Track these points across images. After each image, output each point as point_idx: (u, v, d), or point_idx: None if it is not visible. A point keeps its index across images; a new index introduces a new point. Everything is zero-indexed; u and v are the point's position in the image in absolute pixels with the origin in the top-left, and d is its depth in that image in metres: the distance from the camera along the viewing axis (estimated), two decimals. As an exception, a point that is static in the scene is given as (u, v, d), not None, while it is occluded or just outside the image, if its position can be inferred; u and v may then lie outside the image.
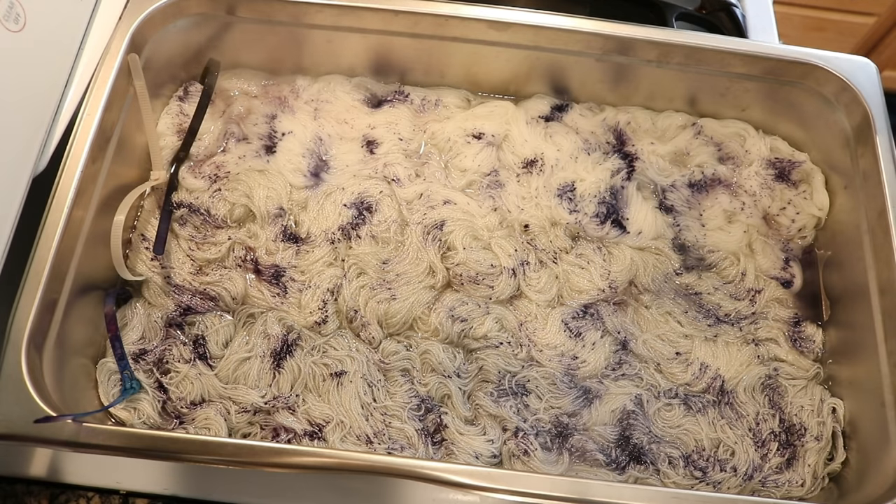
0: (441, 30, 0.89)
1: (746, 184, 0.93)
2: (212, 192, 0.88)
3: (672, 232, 0.90)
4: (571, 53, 0.91)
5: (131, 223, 0.87)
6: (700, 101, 0.96)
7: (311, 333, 0.82)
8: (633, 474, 0.78)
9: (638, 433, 0.79)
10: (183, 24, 0.88)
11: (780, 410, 0.81)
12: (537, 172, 0.92)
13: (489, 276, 0.85)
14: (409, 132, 0.94)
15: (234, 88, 0.96)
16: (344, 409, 0.78)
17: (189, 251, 0.85)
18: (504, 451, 0.78)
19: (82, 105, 0.79)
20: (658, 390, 0.81)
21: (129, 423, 0.76)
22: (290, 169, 0.90)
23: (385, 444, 0.77)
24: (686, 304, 0.86)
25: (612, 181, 0.91)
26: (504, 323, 0.83)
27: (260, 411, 0.78)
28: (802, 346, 0.85)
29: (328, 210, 0.88)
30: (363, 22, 0.89)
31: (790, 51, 0.89)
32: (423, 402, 0.79)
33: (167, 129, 0.91)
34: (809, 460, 0.79)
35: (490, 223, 0.88)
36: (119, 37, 0.82)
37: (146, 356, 0.80)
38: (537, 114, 0.96)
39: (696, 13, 1.04)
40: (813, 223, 0.91)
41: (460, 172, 0.92)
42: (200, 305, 0.83)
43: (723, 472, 0.78)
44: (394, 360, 0.81)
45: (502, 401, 0.80)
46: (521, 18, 0.88)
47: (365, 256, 0.85)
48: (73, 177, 0.75)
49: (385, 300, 0.83)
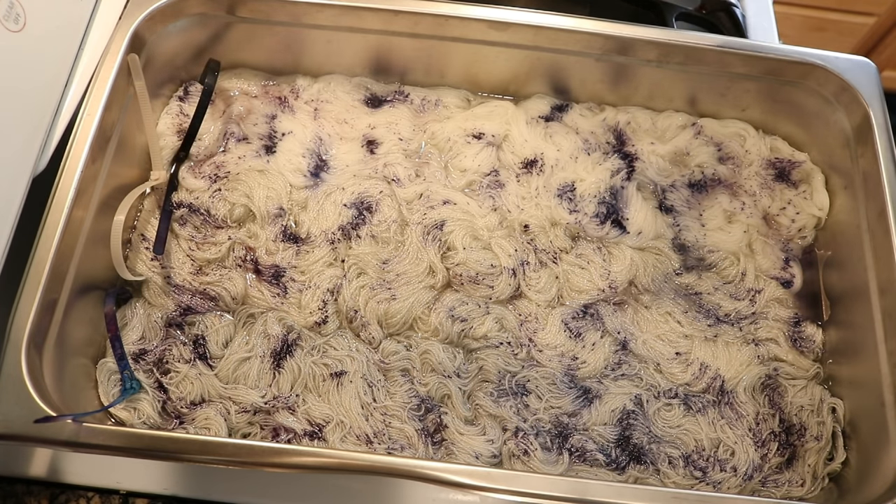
0: (441, 30, 0.89)
1: (746, 184, 0.93)
2: (212, 192, 0.88)
3: (672, 232, 0.90)
4: (571, 53, 0.91)
5: (131, 223, 0.87)
6: (700, 101, 0.96)
7: (311, 333, 0.82)
8: (633, 474, 0.78)
9: (638, 433, 0.79)
10: (183, 24, 0.88)
11: (780, 410, 0.81)
12: (537, 172, 0.92)
13: (489, 276, 0.85)
14: (409, 132, 0.94)
15: (234, 88, 0.96)
16: (344, 409, 0.78)
17: (189, 251, 0.85)
18: (504, 451, 0.78)
19: (82, 105, 0.79)
20: (658, 390, 0.81)
21: (129, 423, 0.76)
22: (290, 169, 0.90)
23: (385, 444, 0.77)
24: (686, 304, 0.86)
25: (612, 181, 0.91)
26: (504, 323, 0.83)
27: (260, 411, 0.78)
28: (802, 346, 0.85)
29: (328, 210, 0.88)
30: (363, 22, 0.89)
31: (790, 51, 0.89)
32: (423, 402, 0.79)
33: (167, 129, 0.91)
34: (809, 460, 0.79)
35: (490, 223, 0.88)
36: (119, 37, 0.82)
37: (146, 356, 0.80)
38: (537, 114, 0.96)
39: (696, 13, 1.04)
40: (813, 223, 0.91)
41: (460, 172, 0.92)
42: (200, 305, 0.83)
43: (723, 472, 0.78)
44: (394, 360, 0.81)
45: (502, 401, 0.80)
46: (521, 18, 0.88)
47: (365, 256, 0.85)
48: (73, 177, 0.75)
49: (385, 300, 0.83)
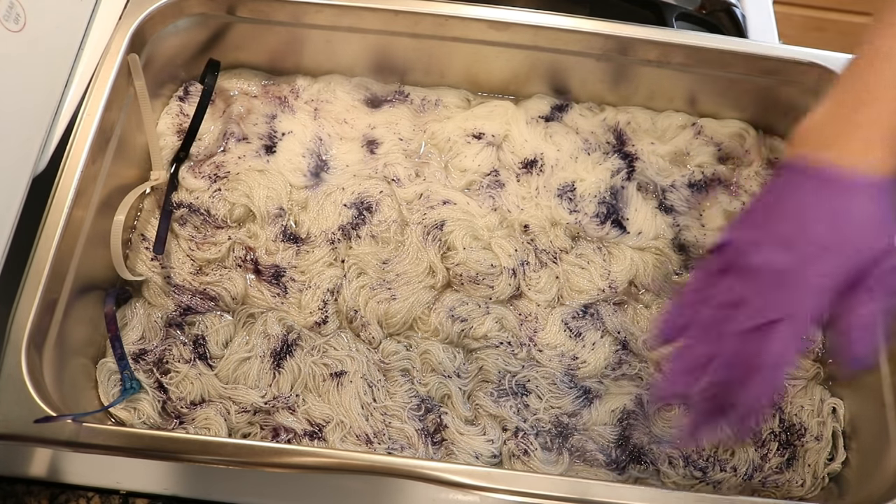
0: (441, 30, 0.89)
1: (746, 184, 0.93)
2: (212, 192, 0.88)
3: (672, 232, 0.90)
4: (571, 53, 0.91)
5: (131, 223, 0.87)
6: (700, 101, 0.96)
7: (311, 333, 0.82)
8: (633, 474, 0.78)
9: (638, 433, 0.79)
10: (183, 24, 0.88)
11: (780, 410, 0.81)
12: (537, 172, 0.92)
13: (489, 276, 0.85)
14: (409, 132, 0.94)
15: (234, 88, 0.96)
16: (344, 409, 0.78)
17: (189, 251, 0.85)
18: (504, 451, 0.78)
19: (82, 105, 0.79)
20: (658, 390, 0.81)
21: (129, 423, 0.76)
22: (290, 169, 0.90)
23: (385, 444, 0.77)
24: (686, 304, 0.86)
25: (612, 181, 0.91)
26: (504, 323, 0.83)
27: (260, 411, 0.78)
28: (802, 346, 0.85)
29: (328, 210, 0.88)
30: (363, 22, 0.89)
31: (790, 51, 0.89)
32: (423, 402, 0.79)
33: (167, 129, 0.91)
34: (809, 460, 0.79)
35: (490, 223, 0.88)
36: (119, 37, 0.82)
37: (146, 356, 0.80)
38: (537, 114, 0.96)
39: (696, 13, 1.04)
40: (813, 223, 0.91)
41: (460, 172, 0.92)
42: (200, 305, 0.83)
43: (723, 472, 0.78)
44: (394, 360, 0.81)
45: (502, 401, 0.80)
46: (521, 18, 0.88)
47: (365, 256, 0.85)
48: (73, 177, 0.75)
49: (385, 300, 0.83)
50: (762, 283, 0.57)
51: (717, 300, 0.59)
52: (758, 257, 0.57)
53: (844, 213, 0.56)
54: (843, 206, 0.56)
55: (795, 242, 0.56)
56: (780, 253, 0.56)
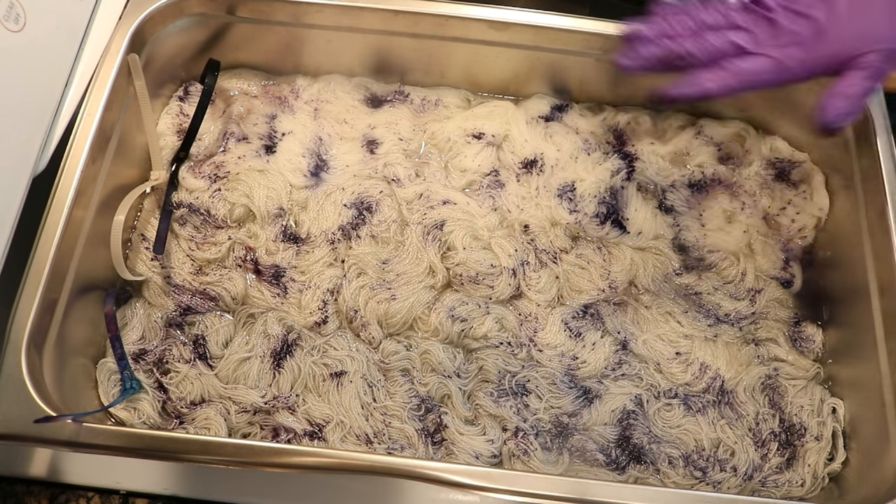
0: (441, 30, 0.89)
1: (746, 184, 0.93)
2: (212, 192, 0.88)
3: (672, 232, 0.90)
4: (571, 53, 0.91)
5: (131, 223, 0.87)
6: (700, 101, 0.96)
7: (311, 333, 0.82)
8: (633, 474, 0.78)
9: (638, 433, 0.79)
10: (183, 24, 0.88)
11: (780, 410, 0.81)
12: (537, 172, 0.92)
13: (489, 276, 0.85)
14: (409, 132, 0.94)
15: (234, 88, 0.96)
16: (344, 409, 0.78)
17: (189, 251, 0.85)
18: (504, 451, 0.78)
19: (82, 105, 0.79)
20: (658, 390, 0.81)
21: (129, 423, 0.76)
22: (290, 169, 0.90)
23: (385, 444, 0.77)
24: (686, 304, 0.86)
25: (612, 181, 0.91)
26: (504, 323, 0.83)
27: (260, 411, 0.78)
28: (802, 346, 0.85)
29: (328, 210, 0.88)
30: (363, 22, 0.89)
31: (790, 51, 0.89)
32: (423, 402, 0.79)
33: (167, 129, 0.91)
34: (809, 460, 0.79)
35: (490, 223, 0.88)
36: (119, 37, 0.82)
37: (146, 356, 0.80)
38: (537, 114, 0.96)
39: (696, 13, 1.04)
40: (813, 223, 0.91)
41: (460, 172, 0.92)
42: (200, 305, 0.83)
43: (723, 472, 0.78)
44: (394, 360, 0.81)
45: (502, 401, 0.80)
46: (521, 18, 0.88)
47: (365, 256, 0.85)
48: (73, 177, 0.75)
49: (385, 300, 0.83)
50: (774, 27, 0.65)
51: (722, 22, 0.68)
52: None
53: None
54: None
55: (816, 9, 0.64)
56: (802, 12, 0.64)
